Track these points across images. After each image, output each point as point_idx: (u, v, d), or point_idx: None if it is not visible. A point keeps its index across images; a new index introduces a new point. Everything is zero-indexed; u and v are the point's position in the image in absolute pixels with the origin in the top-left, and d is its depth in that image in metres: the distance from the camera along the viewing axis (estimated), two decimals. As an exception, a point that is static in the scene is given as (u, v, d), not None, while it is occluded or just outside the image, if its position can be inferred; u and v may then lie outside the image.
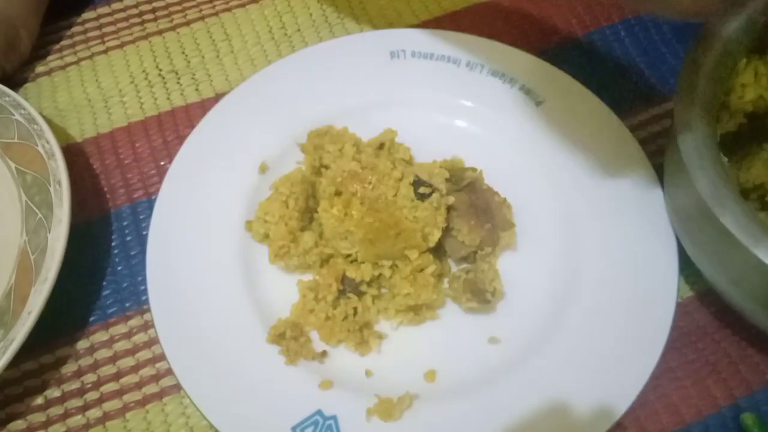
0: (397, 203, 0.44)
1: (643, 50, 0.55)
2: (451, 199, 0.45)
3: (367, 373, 0.42)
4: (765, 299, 0.38)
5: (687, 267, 0.42)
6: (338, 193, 0.45)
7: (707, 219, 0.37)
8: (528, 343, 0.42)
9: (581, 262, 0.44)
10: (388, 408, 0.40)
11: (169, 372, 0.43)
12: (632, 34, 0.55)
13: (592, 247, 0.45)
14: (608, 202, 0.46)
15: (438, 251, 0.45)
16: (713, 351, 0.43)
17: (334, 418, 0.40)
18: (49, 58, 0.57)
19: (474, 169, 0.47)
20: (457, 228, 0.45)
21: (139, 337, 0.45)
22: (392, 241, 0.44)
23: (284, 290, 0.45)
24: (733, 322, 0.41)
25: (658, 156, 0.47)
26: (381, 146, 0.48)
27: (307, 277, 0.45)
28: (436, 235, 0.44)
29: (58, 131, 0.52)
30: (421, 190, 0.44)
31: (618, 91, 0.52)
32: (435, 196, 0.44)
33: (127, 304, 0.46)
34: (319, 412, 0.40)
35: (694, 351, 0.43)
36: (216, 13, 0.58)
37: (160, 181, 0.48)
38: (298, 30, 0.57)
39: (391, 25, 0.57)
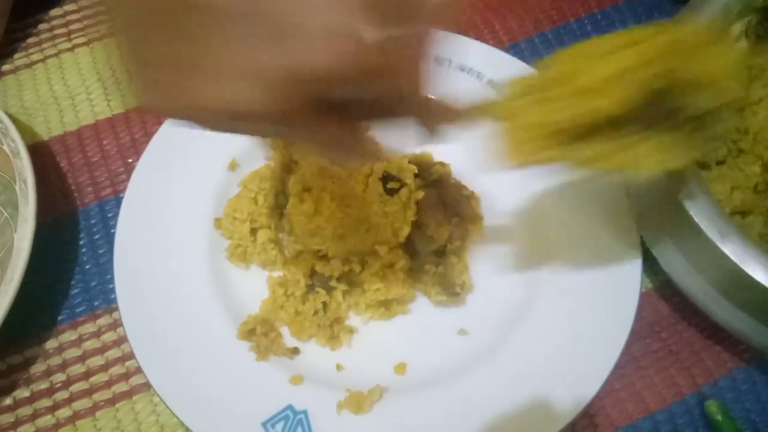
0: (367, 199, 0.44)
1: (609, 45, 0.55)
2: (420, 194, 0.45)
3: (338, 367, 0.43)
4: (727, 290, 0.39)
5: (650, 258, 0.43)
6: (307, 189, 0.45)
7: (675, 211, 0.38)
8: (496, 335, 0.43)
9: (547, 254, 0.45)
10: (358, 401, 0.41)
11: (138, 370, 0.43)
12: (598, 29, 0.56)
13: (558, 239, 0.45)
14: (573, 194, 0.47)
15: (407, 246, 0.46)
16: (676, 341, 0.44)
17: (304, 412, 0.40)
18: (15, 56, 0.56)
19: (442, 164, 0.48)
20: (426, 223, 0.45)
21: (108, 336, 0.45)
22: (362, 236, 0.44)
23: (254, 286, 0.45)
24: (695, 312, 0.41)
25: (623, 149, 0.48)
26: None
27: (277, 273, 0.46)
28: (405, 230, 0.44)
29: (24, 129, 0.52)
30: (390, 185, 0.45)
31: (584, 86, 0.53)
32: (404, 191, 0.44)
33: (96, 303, 0.46)
34: (289, 407, 0.41)
35: (658, 341, 0.44)
36: (184, 10, 0.58)
37: (128, 179, 0.47)
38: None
39: (360, 20, 0.57)
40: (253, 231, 0.45)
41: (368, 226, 0.44)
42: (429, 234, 0.45)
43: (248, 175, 0.47)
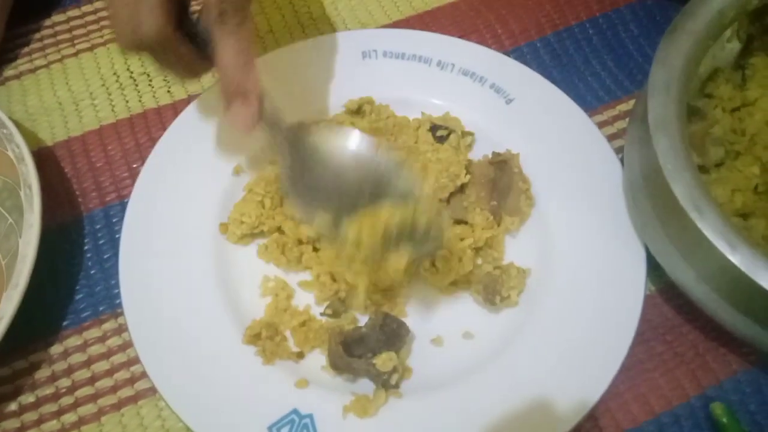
0: (420, 149, 0.46)
1: (611, 48, 0.55)
2: (470, 139, 0.48)
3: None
4: (735, 299, 0.39)
5: (654, 262, 0.43)
6: None
7: (680, 222, 0.38)
8: (501, 338, 0.43)
9: (551, 257, 0.45)
10: (363, 405, 0.41)
11: (143, 375, 0.43)
12: (600, 33, 0.56)
13: (562, 242, 0.46)
14: (577, 198, 0.47)
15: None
16: (681, 343, 0.44)
17: (310, 416, 0.40)
18: (18, 61, 0.56)
19: (511, 151, 0.48)
20: (468, 193, 0.46)
21: (114, 341, 0.45)
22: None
23: (258, 291, 0.45)
24: (698, 314, 0.42)
25: (626, 152, 0.48)
26: (358, 110, 0.50)
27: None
28: (462, 174, 0.46)
29: (29, 135, 0.52)
30: (439, 133, 0.47)
31: (586, 89, 0.53)
32: (453, 136, 0.47)
33: (101, 308, 0.46)
34: (295, 411, 0.41)
35: (662, 343, 0.44)
36: (187, 15, 0.58)
37: (133, 184, 0.48)
38: (271, 31, 0.57)
39: (363, 25, 0.57)
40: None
41: (425, 174, 0.45)
42: (464, 204, 0.46)
43: (254, 179, 0.47)
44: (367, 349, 0.42)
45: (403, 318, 0.44)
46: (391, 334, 0.42)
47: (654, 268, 0.43)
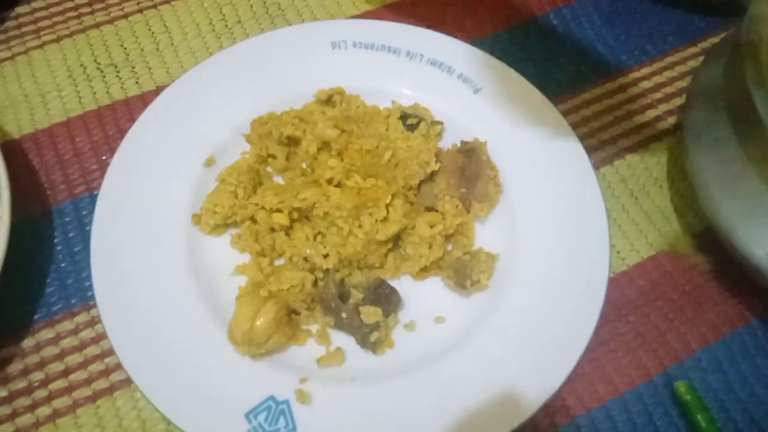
0: (390, 137, 0.48)
1: (575, 38, 0.57)
2: (439, 128, 0.49)
3: (318, 362, 0.43)
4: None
5: (618, 243, 0.44)
6: (326, 143, 0.47)
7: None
8: (471, 321, 0.44)
9: (519, 242, 0.46)
10: (336, 355, 0.43)
11: (118, 367, 0.43)
12: (564, 23, 0.57)
13: (529, 227, 0.47)
14: (543, 183, 0.48)
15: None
16: (643, 323, 0.46)
17: (286, 402, 0.41)
18: (-17, 54, 0.55)
19: (479, 140, 0.49)
20: (437, 180, 0.48)
21: (86, 333, 0.45)
22: (392, 171, 0.46)
23: (232, 281, 0.45)
24: (659, 295, 0.43)
25: (589, 138, 0.50)
26: (328, 100, 0.50)
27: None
28: (431, 162, 0.47)
29: (-5, 128, 0.51)
30: (409, 121, 0.48)
31: (551, 78, 0.54)
32: (422, 124, 0.48)
33: (73, 301, 0.46)
34: (271, 398, 0.41)
35: (625, 324, 0.46)
36: (155, 6, 0.58)
37: (102, 176, 0.47)
38: (239, 21, 0.57)
39: (332, 16, 0.57)
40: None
41: (396, 161, 0.47)
42: (435, 191, 0.47)
43: (225, 169, 0.47)
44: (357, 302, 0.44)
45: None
46: (383, 298, 0.44)
47: (618, 251, 0.45)
